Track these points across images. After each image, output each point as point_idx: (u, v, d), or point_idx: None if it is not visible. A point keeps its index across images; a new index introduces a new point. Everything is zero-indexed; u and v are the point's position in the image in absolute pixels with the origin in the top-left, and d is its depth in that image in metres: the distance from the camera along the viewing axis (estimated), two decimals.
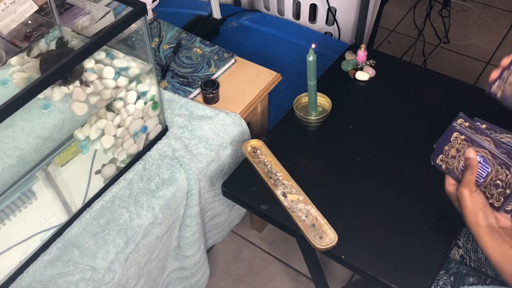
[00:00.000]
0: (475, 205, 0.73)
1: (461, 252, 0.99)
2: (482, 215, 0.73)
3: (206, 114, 1.10)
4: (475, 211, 0.73)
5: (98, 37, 0.77)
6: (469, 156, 0.75)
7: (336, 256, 0.88)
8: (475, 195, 0.74)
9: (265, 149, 1.03)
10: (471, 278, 0.89)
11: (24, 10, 1.01)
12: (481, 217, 0.73)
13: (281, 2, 1.65)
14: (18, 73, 0.95)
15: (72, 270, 0.87)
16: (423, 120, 1.09)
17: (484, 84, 0.85)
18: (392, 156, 1.02)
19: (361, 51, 1.20)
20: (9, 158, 0.82)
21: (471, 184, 0.74)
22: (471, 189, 0.74)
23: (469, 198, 0.73)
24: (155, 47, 1.26)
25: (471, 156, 0.75)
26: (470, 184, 0.74)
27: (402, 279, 0.84)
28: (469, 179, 0.74)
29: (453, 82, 1.18)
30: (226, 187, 1.00)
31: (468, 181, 0.74)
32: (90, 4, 1.18)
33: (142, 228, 0.94)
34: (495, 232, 0.73)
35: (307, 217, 0.91)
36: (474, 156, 0.75)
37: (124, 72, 0.95)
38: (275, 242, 1.58)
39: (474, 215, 0.73)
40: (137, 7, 0.81)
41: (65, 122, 0.88)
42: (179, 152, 1.02)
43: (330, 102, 1.11)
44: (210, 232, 1.25)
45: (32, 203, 0.85)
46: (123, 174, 1.00)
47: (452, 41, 2.22)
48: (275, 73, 1.21)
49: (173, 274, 1.16)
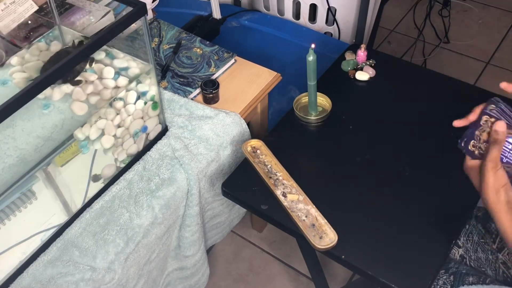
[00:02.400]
0: (498, 182, 0.71)
1: (461, 252, 0.99)
2: (503, 192, 0.71)
3: (206, 114, 1.10)
4: (497, 188, 0.71)
5: (98, 37, 0.77)
6: (498, 129, 0.72)
7: (336, 256, 0.88)
8: (500, 172, 0.71)
9: (265, 149, 1.03)
10: (470, 278, 0.89)
11: (24, 10, 1.01)
12: (502, 194, 0.71)
13: (281, 2, 1.65)
14: (18, 73, 0.95)
15: (72, 270, 0.87)
16: (423, 120, 1.09)
17: (484, 84, 0.85)
18: (392, 156, 1.02)
19: (361, 51, 1.20)
20: (9, 158, 0.82)
21: (496, 160, 0.71)
22: (496, 165, 0.71)
23: (492, 174, 0.71)
24: (155, 47, 1.26)
25: (501, 130, 0.72)
26: (496, 160, 0.71)
27: (402, 279, 0.84)
28: (495, 155, 0.71)
29: (453, 82, 1.18)
30: (226, 187, 1.00)
31: (493, 156, 0.71)
32: (90, 4, 1.18)
33: (142, 228, 0.94)
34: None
35: (307, 217, 0.91)
36: (503, 130, 0.72)
37: (124, 72, 0.95)
38: (275, 242, 1.58)
39: (495, 191, 0.71)
40: (137, 7, 0.81)
41: (65, 122, 0.88)
42: (179, 152, 1.02)
43: (330, 102, 1.11)
44: (210, 232, 1.25)
45: (32, 203, 0.85)
46: (123, 174, 1.00)
47: (452, 41, 2.22)
48: (275, 73, 1.21)
49: (173, 274, 1.16)
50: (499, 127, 0.72)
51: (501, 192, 0.71)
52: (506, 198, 0.71)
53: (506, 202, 0.71)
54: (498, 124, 0.72)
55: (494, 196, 0.71)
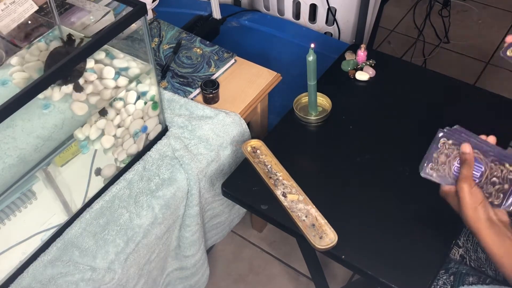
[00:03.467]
0: (475, 199, 0.73)
1: (461, 252, 0.99)
2: (482, 209, 0.73)
3: (206, 114, 1.10)
4: (474, 206, 0.73)
5: (98, 37, 0.77)
6: (465, 151, 0.76)
7: (336, 256, 0.88)
8: (474, 189, 0.74)
9: (265, 149, 1.03)
10: (470, 278, 0.89)
11: (24, 10, 1.01)
12: (481, 211, 0.73)
13: (281, 2, 1.65)
14: (18, 73, 0.95)
15: (72, 270, 0.87)
16: (423, 120, 1.09)
17: (484, 84, 0.85)
18: (392, 156, 1.02)
19: (361, 51, 1.20)
20: (9, 158, 0.82)
21: (469, 179, 0.74)
22: (470, 184, 0.74)
23: (468, 193, 0.73)
24: (155, 47, 1.26)
25: (467, 151, 0.75)
26: (469, 179, 0.74)
27: (402, 279, 0.84)
28: (467, 174, 0.74)
29: (453, 82, 1.18)
30: (226, 187, 1.00)
31: (466, 176, 0.74)
32: (90, 4, 1.18)
33: (142, 228, 0.94)
34: (495, 225, 0.73)
35: (307, 217, 0.91)
36: (470, 151, 0.75)
37: (124, 72, 0.95)
38: (275, 242, 1.58)
39: (473, 209, 0.73)
40: (137, 7, 0.81)
41: (65, 122, 0.88)
42: (179, 152, 1.02)
43: (330, 102, 1.11)
44: (210, 232, 1.25)
45: (32, 203, 0.85)
46: (123, 174, 1.00)
47: (452, 41, 2.22)
48: (275, 73, 1.21)
49: (173, 274, 1.16)
50: (464, 149, 0.76)
51: (479, 209, 0.73)
52: (485, 215, 0.73)
53: (486, 219, 0.73)
54: (463, 146, 0.76)
55: (473, 214, 0.73)
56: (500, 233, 0.72)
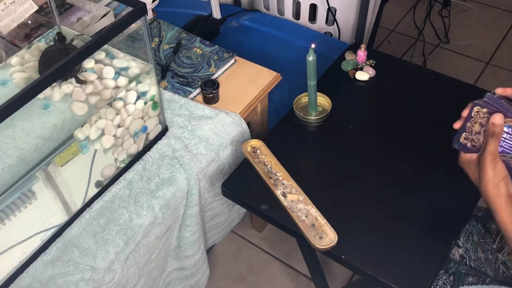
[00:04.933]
0: (498, 174, 0.70)
1: (461, 252, 0.99)
2: (503, 185, 0.70)
3: (206, 114, 1.10)
4: (496, 181, 0.70)
5: (98, 37, 0.77)
6: (496, 122, 0.70)
7: (336, 256, 0.88)
8: (499, 164, 0.70)
9: (265, 149, 1.03)
10: (470, 278, 0.89)
11: (24, 10, 1.01)
12: (502, 187, 0.70)
13: (281, 2, 1.65)
14: (18, 73, 0.95)
15: (72, 270, 0.87)
16: (423, 120, 1.09)
17: (484, 84, 0.85)
18: (392, 156, 1.02)
19: (361, 51, 1.20)
20: (9, 158, 0.82)
21: (495, 154, 0.70)
22: (495, 158, 0.70)
23: (492, 168, 0.70)
24: (155, 47, 1.26)
25: (498, 122, 0.69)
26: (494, 153, 0.70)
27: (402, 279, 0.84)
28: (493, 148, 0.70)
29: (453, 82, 1.18)
30: (226, 187, 1.00)
31: (491, 149, 0.70)
32: (90, 4, 1.18)
33: (142, 228, 0.94)
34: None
35: (307, 217, 0.91)
36: (501, 122, 0.70)
37: (124, 72, 0.95)
38: (275, 242, 1.58)
39: (495, 185, 0.70)
40: (137, 7, 0.81)
41: (65, 122, 0.88)
42: (179, 152, 1.03)
43: (330, 102, 1.11)
44: (210, 232, 1.25)
45: (32, 203, 0.85)
46: (123, 174, 1.00)
47: (452, 41, 2.22)
48: (275, 73, 1.21)
49: (173, 274, 1.16)
50: (496, 120, 0.70)
51: (501, 185, 0.70)
52: (506, 190, 0.70)
53: (506, 195, 0.70)
54: (495, 117, 0.70)
55: (494, 189, 0.70)
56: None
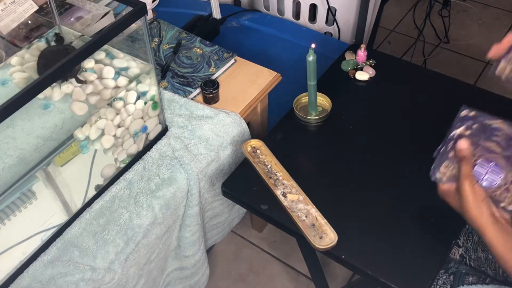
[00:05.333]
0: (478, 196, 0.72)
1: (461, 252, 0.99)
2: (485, 206, 0.72)
3: (206, 114, 1.10)
4: (477, 203, 0.72)
5: (98, 37, 0.77)
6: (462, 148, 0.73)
7: (336, 256, 0.88)
8: (476, 186, 0.72)
9: (265, 149, 1.03)
10: (470, 278, 0.89)
11: (24, 10, 1.01)
12: (484, 208, 0.72)
13: (281, 2, 1.65)
14: (18, 73, 0.95)
15: (72, 270, 0.87)
16: (423, 120, 1.09)
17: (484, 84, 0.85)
18: (392, 156, 1.02)
19: (361, 51, 1.20)
20: (9, 158, 0.82)
21: (470, 176, 0.72)
22: (472, 181, 0.72)
23: (471, 191, 0.72)
24: (155, 47, 1.26)
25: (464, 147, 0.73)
26: (469, 175, 0.72)
27: (402, 279, 0.84)
28: (467, 171, 0.73)
29: (453, 82, 1.18)
30: (226, 187, 1.00)
31: (466, 173, 0.73)
32: (90, 4, 1.18)
33: (142, 228, 0.94)
34: (498, 222, 0.72)
35: (307, 217, 0.91)
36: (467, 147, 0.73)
37: (124, 72, 0.95)
38: (275, 242, 1.58)
39: (477, 207, 0.72)
40: (137, 7, 0.81)
41: (65, 122, 0.88)
42: (179, 152, 1.02)
43: (330, 102, 1.11)
44: (210, 232, 1.25)
45: (32, 203, 0.85)
46: (123, 174, 1.00)
47: (452, 41, 2.22)
48: (275, 73, 1.21)
49: (173, 274, 1.16)
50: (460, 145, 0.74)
51: (483, 206, 0.72)
52: (488, 211, 0.72)
53: (489, 215, 0.72)
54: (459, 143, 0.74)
55: (477, 211, 0.72)
56: (504, 229, 0.71)
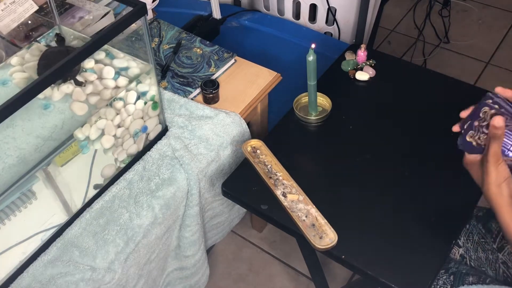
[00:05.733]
0: (500, 176, 0.71)
1: (461, 252, 0.99)
2: (506, 186, 0.71)
3: (206, 114, 1.10)
4: (498, 182, 0.71)
5: (98, 37, 0.77)
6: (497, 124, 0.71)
7: (336, 256, 0.88)
8: (501, 165, 0.71)
9: (265, 149, 1.03)
10: (470, 278, 0.89)
11: (24, 10, 1.01)
12: (504, 188, 0.71)
13: (281, 2, 1.65)
14: (18, 73, 0.95)
15: (72, 270, 0.87)
16: (423, 120, 1.09)
17: (484, 84, 0.85)
18: (392, 156, 1.02)
19: (361, 51, 1.20)
20: (9, 158, 0.82)
21: (497, 155, 0.71)
22: (497, 160, 0.71)
23: (495, 169, 0.71)
24: (155, 47, 1.26)
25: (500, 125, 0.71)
26: (497, 155, 0.71)
27: (402, 279, 0.84)
28: (496, 149, 0.71)
29: (453, 82, 1.18)
30: (226, 187, 1.00)
31: (494, 151, 0.71)
32: (90, 4, 1.18)
33: (142, 228, 0.94)
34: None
35: (307, 217, 0.91)
36: (502, 125, 0.71)
37: (124, 72, 0.95)
38: (275, 242, 1.58)
39: (497, 186, 0.71)
40: (137, 7, 0.81)
41: (65, 122, 0.88)
42: (179, 152, 1.03)
43: (330, 102, 1.11)
44: (210, 232, 1.25)
45: (32, 203, 0.85)
46: (123, 174, 1.00)
47: (452, 41, 2.22)
48: (275, 73, 1.21)
49: (173, 274, 1.16)
50: (497, 122, 0.70)
51: (503, 186, 0.71)
52: (508, 192, 0.71)
53: (508, 196, 0.71)
54: (495, 120, 0.71)
55: (497, 190, 0.71)
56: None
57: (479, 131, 0.75)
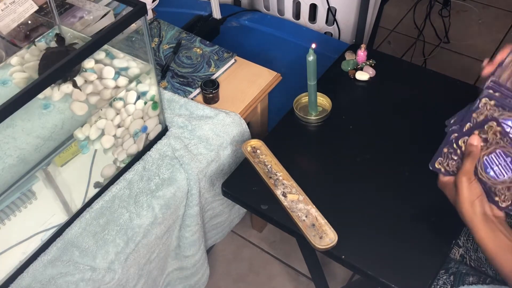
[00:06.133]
0: (472, 194, 0.73)
1: (461, 252, 0.99)
2: (478, 204, 0.73)
3: (206, 114, 1.10)
4: (471, 200, 0.73)
5: (98, 37, 0.77)
6: (473, 143, 0.73)
7: (336, 256, 0.88)
8: (473, 183, 0.73)
9: (265, 149, 1.03)
10: (471, 278, 0.89)
11: (24, 10, 1.01)
12: (477, 206, 0.73)
13: (281, 2, 1.65)
14: (18, 73, 0.95)
15: (72, 270, 0.87)
16: (423, 120, 1.09)
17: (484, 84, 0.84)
18: (392, 156, 1.02)
19: (361, 51, 1.20)
20: (9, 158, 0.82)
21: (470, 173, 0.73)
22: (470, 178, 0.73)
23: (467, 187, 0.73)
24: (155, 47, 1.26)
25: (475, 144, 0.73)
26: (470, 172, 0.73)
27: (402, 279, 0.84)
28: (469, 168, 0.73)
29: (453, 82, 1.18)
30: (226, 187, 1.00)
31: (467, 169, 0.73)
32: (90, 4, 1.18)
33: (142, 228, 0.94)
34: (489, 220, 0.73)
35: (307, 217, 0.91)
36: (477, 144, 0.73)
37: (124, 72, 0.95)
38: (275, 242, 1.58)
39: (470, 203, 0.73)
40: (137, 7, 0.81)
41: (65, 122, 0.88)
42: (179, 152, 1.02)
43: (330, 102, 1.11)
44: (210, 232, 1.25)
45: (32, 203, 0.85)
46: (123, 174, 1.00)
47: (452, 41, 2.22)
48: (275, 73, 1.21)
49: (173, 274, 1.16)
50: (472, 141, 0.73)
51: (476, 204, 0.73)
52: (481, 209, 0.73)
53: (481, 213, 0.73)
54: (472, 138, 0.74)
55: (470, 208, 0.73)
56: (495, 228, 0.73)
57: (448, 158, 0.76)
